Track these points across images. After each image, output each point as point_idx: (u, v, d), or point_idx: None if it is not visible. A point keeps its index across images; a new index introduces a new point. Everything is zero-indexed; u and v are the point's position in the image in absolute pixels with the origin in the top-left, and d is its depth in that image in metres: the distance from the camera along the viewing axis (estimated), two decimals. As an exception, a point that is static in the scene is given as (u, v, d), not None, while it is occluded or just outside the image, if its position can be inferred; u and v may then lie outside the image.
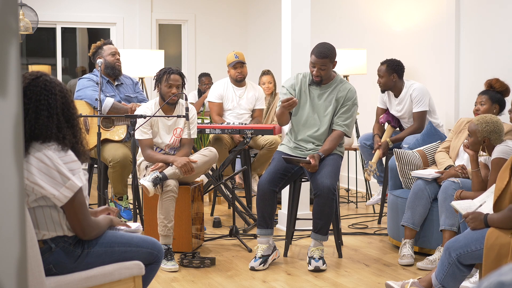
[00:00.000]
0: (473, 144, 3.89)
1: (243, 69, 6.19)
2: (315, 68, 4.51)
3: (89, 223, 2.66)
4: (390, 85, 5.53)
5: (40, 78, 2.59)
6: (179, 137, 4.83)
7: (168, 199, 4.47)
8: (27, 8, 7.43)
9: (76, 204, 2.58)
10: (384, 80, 5.51)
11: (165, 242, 4.47)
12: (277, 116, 4.61)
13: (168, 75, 4.68)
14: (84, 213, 2.63)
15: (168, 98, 4.64)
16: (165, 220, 4.46)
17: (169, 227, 4.46)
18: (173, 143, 4.82)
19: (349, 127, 4.61)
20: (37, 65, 10.43)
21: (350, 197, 6.93)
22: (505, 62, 5.43)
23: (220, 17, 9.53)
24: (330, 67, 4.53)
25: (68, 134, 2.61)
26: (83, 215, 2.62)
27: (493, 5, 5.57)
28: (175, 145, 4.84)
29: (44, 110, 2.56)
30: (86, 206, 2.65)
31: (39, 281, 2.46)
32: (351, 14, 7.45)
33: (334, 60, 4.54)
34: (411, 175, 4.70)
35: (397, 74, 5.49)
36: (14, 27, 1.29)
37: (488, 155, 3.92)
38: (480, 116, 3.91)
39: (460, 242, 3.32)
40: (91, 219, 2.69)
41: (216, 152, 4.84)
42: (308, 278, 4.22)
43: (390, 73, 5.49)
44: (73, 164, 2.58)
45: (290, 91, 4.63)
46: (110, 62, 5.61)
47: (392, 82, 5.51)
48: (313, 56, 4.50)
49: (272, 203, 4.48)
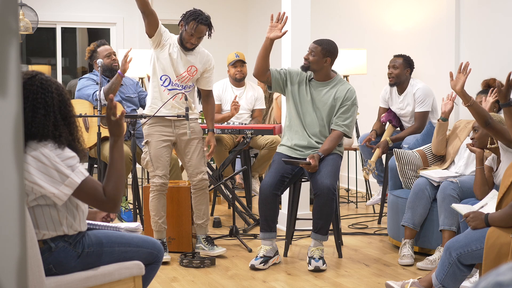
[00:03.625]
0: (481, 137, 3.92)
1: (243, 68, 6.19)
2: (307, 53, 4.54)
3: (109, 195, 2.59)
4: (403, 79, 5.54)
5: (35, 77, 2.59)
6: (192, 76, 4.63)
7: (154, 198, 4.54)
8: (27, 8, 7.43)
9: (83, 194, 2.55)
10: (398, 72, 5.51)
11: (158, 237, 4.57)
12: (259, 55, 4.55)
13: (196, 24, 4.53)
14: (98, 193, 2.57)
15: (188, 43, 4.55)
16: (155, 217, 4.55)
17: (159, 223, 4.55)
18: (184, 78, 4.61)
19: (349, 127, 4.61)
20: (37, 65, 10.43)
21: (350, 197, 6.93)
22: (504, 62, 5.43)
23: (220, 17, 9.53)
24: (321, 58, 4.52)
25: (64, 132, 2.60)
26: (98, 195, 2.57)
27: (493, 5, 5.57)
28: (186, 82, 4.63)
29: (41, 109, 2.56)
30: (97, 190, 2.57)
31: (39, 281, 2.46)
32: (351, 14, 7.45)
33: (328, 53, 4.53)
34: (419, 174, 4.69)
35: (411, 69, 5.54)
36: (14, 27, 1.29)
37: (497, 146, 3.93)
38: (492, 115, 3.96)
39: (461, 241, 3.31)
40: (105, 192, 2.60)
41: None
42: (308, 278, 4.22)
43: (405, 66, 5.53)
44: (71, 160, 2.56)
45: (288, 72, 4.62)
46: (107, 64, 5.60)
47: (405, 76, 5.54)
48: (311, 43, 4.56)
49: (274, 206, 4.49)
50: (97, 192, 2.58)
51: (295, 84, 4.62)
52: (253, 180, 6.21)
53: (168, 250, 4.62)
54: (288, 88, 4.62)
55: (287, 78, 4.62)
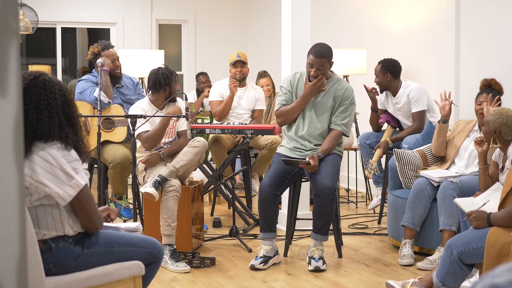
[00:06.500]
0: (486, 133, 3.94)
1: (244, 68, 6.19)
2: (313, 69, 4.50)
3: (98, 216, 2.70)
4: (385, 85, 5.57)
5: (39, 78, 2.59)
6: (173, 128, 4.87)
7: (171, 199, 4.47)
8: (27, 8, 7.43)
9: (83, 199, 2.60)
10: (378, 79, 5.58)
11: (168, 241, 4.47)
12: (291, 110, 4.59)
13: (174, 76, 4.81)
14: (92, 206, 2.66)
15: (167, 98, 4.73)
16: (168, 220, 4.46)
17: (172, 226, 4.47)
18: (169, 135, 4.88)
19: (347, 127, 4.61)
20: (37, 65, 10.43)
21: (350, 197, 6.93)
22: (504, 62, 5.44)
23: (220, 17, 9.53)
24: (328, 67, 4.53)
25: (70, 133, 2.62)
26: (91, 207, 2.65)
27: (493, 5, 5.58)
28: (172, 136, 4.89)
29: (45, 110, 2.56)
30: (93, 200, 2.68)
31: (39, 281, 2.46)
32: (351, 14, 7.45)
33: (331, 60, 4.55)
34: (419, 174, 4.68)
35: (391, 73, 5.53)
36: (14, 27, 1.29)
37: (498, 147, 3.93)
38: (498, 108, 3.96)
39: (462, 240, 3.32)
40: (99, 212, 2.74)
41: (204, 140, 4.84)
42: (308, 278, 4.22)
43: (383, 72, 5.54)
44: (76, 163, 2.59)
45: (288, 89, 4.64)
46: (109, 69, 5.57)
47: (387, 82, 5.55)
48: (311, 56, 4.50)
49: (274, 207, 4.49)
50: (93, 202, 2.67)
51: (294, 90, 4.62)
52: (253, 180, 6.21)
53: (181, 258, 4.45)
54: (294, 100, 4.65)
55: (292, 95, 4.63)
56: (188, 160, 4.65)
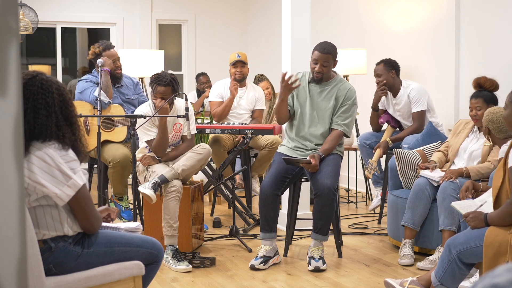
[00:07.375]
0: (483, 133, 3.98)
1: (244, 68, 6.19)
2: (317, 65, 4.50)
3: (97, 216, 2.70)
4: (391, 82, 5.54)
5: (36, 77, 2.59)
6: (178, 132, 4.86)
7: (173, 199, 4.47)
8: (27, 8, 7.43)
9: (81, 199, 2.60)
10: (383, 77, 5.53)
11: (170, 242, 4.47)
12: (276, 109, 4.60)
13: (156, 85, 4.64)
14: (90, 206, 2.66)
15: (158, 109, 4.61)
16: (170, 220, 4.46)
17: (174, 227, 4.47)
18: (174, 139, 4.86)
19: (349, 127, 4.61)
20: (37, 65, 10.43)
21: (350, 197, 6.93)
22: (504, 62, 5.43)
23: (220, 17, 9.53)
24: (332, 65, 4.53)
25: (67, 132, 2.61)
26: (89, 208, 2.65)
27: (493, 5, 5.58)
28: (176, 140, 4.88)
29: (42, 109, 2.56)
30: (91, 200, 2.67)
31: (39, 281, 2.46)
32: (351, 14, 7.45)
33: (335, 58, 4.55)
34: (419, 174, 4.68)
35: (395, 70, 5.53)
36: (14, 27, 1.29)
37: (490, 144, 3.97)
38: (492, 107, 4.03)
39: (461, 239, 3.32)
40: (98, 212, 2.73)
41: (209, 147, 4.84)
42: (308, 278, 4.22)
43: (388, 69, 5.53)
44: (73, 163, 2.59)
45: None
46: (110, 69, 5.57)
47: (392, 79, 5.54)
48: (316, 52, 4.50)
49: (275, 206, 4.50)
50: (91, 202, 2.67)
51: (294, 90, 4.61)
52: (253, 180, 6.21)
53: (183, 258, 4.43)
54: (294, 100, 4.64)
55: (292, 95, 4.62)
56: (190, 166, 4.66)
